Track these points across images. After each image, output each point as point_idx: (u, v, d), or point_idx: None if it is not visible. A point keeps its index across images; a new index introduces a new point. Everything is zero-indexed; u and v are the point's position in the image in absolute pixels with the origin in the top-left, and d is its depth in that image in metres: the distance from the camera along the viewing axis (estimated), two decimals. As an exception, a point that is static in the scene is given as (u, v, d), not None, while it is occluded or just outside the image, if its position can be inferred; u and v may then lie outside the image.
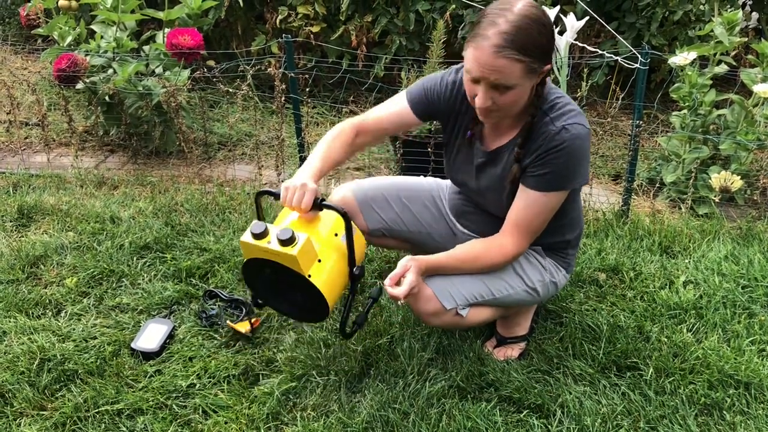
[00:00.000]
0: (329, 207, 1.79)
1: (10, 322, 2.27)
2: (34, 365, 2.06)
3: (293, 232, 1.70)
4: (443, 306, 1.90)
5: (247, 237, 1.75)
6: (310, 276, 1.73)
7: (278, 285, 1.86)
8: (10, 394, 1.98)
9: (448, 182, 2.22)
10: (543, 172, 1.79)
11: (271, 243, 1.72)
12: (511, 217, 1.88)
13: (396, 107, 2.01)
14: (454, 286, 1.91)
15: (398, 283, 1.78)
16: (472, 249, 1.93)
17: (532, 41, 1.65)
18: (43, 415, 1.93)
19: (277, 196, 1.83)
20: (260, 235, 1.72)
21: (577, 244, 2.11)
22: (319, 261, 1.77)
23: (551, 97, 1.81)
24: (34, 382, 2.02)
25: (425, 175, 2.40)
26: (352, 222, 1.79)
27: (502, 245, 1.90)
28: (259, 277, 1.87)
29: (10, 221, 2.92)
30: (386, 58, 4.08)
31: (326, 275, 1.77)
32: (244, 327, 2.22)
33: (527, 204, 1.84)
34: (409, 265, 1.81)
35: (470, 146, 1.97)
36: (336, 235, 1.84)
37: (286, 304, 1.93)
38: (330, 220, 1.85)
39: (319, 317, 1.89)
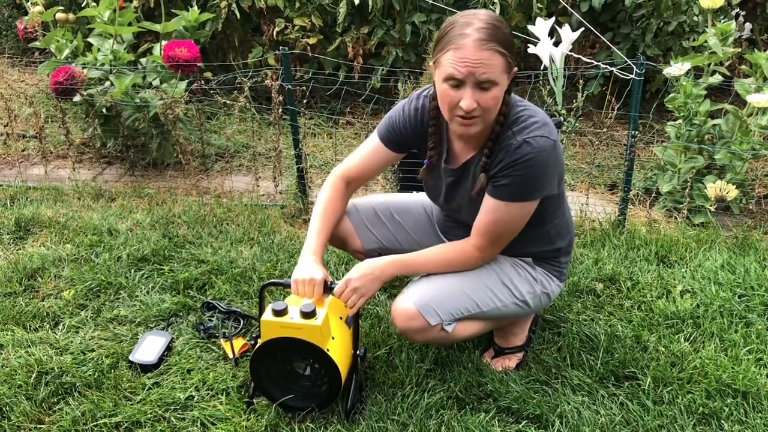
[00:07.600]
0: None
1: (7, 335, 2.26)
2: (32, 378, 2.06)
3: (315, 307, 1.81)
4: (428, 322, 1.91)
5: (267, 315, 1.83)
6: (328, 350, 1.82)
7: (287, 370, 1.94)
8: (7, 408, 1.97)
9: None
10: (503, 183, 1.82)
11: (293, 317, 1.81)
12: (476, 223, 1.92)
13: (372, 147, 2.07)
14: (438, 301, 1.93)
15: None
16: (436, 247, 2.01)
17: (506, 38, 1.73)
18: (40, 428, 1.92)
19: (285, 286, 1.95)
20: (281, 312, 1.81)
21: (569, 252, 2.11)
22: (333, 338, 1.86)
23: (515, 110, 1.84)
24: (32, 396, 2.01)
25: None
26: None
27: (465, 245, 1.96)
28: (267, 366, 1.93)
29: (8, 234, 2.92)
30: (383, 70, 4.10)
31: (339, 352, 1.87)
32: (229, 349, 2.18)
33: (488, 211, 1.88)
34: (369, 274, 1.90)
35: (438, 169, 2.01)
36: (341, 318, 1.94)
37: (289, 391, 1.95)
38: (336, 303, 1.93)
39: (325, 400, 1.94)
